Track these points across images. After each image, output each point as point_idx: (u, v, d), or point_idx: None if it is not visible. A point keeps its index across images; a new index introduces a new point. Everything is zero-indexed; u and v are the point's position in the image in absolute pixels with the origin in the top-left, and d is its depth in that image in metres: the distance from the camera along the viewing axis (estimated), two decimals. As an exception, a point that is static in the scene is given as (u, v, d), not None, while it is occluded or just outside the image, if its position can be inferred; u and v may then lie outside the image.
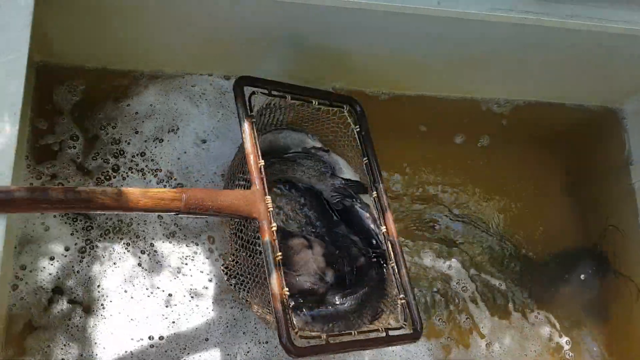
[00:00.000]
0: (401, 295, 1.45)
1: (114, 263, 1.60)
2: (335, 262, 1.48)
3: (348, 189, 1.55)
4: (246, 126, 1.33)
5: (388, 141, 1.68)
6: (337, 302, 1.43)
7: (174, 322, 1.56)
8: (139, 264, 1.62)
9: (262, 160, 1.35)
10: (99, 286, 1.56)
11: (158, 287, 1.60)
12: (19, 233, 1.52)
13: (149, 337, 1.55)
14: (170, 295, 1.58)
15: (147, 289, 1.60)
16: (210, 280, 1.62)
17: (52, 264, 1.54)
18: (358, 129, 1.57)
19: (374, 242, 1.53)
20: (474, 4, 1.46)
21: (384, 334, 1.36)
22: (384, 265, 1.52)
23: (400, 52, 1.68)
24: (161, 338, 1.56)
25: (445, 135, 1.90)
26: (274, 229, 1.29)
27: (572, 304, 1.84)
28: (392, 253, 1.48)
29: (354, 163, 1.61)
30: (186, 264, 1.62)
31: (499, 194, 1.89)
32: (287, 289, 1.25)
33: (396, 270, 1.47)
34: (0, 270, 0.94)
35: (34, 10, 1.14)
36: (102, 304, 1.55)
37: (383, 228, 1.51)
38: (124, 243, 1.62)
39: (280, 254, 1.26)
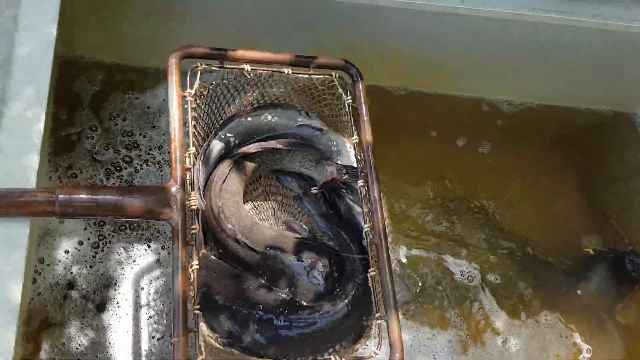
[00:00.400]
0: (378, 314, 1.12)
1: (133, 260, 1.55)
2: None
3: (341, 176, 1.25)
4: (174, 104, 1.13)
5: (397, 139, 1.74)
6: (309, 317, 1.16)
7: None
8: (157, 260, 1.56)
9: (193, 148, 1.14)
10: (115, 283, 1.52)
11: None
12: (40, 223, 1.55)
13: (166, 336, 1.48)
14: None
15: (164, 284, 1.53)
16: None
17: (67, 258, 1.52)
18: (350, 100, 1.26)
19: (365, 243, 1.21)
20: (499, 3, 1.50)
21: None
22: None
23: (418, 49, 1.69)
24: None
25: (451, 134, 1.90)
26: (194, 231, 1.08)
27: (587, 309, 1.78)
28: (376, 257, 1.16)
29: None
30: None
31: (510, 194, 1.89)
32: (198, 306, 1.03)
33: (377, 279, 1.14)
34: (25, 270, 0.96)
35: (61, 5, 1.19)
36: (117, 302, 1.51)
37: (366, 226, 1.18)
38: (145, 239, 1.57)
39: (195, 262, 1.05)
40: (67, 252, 1.51)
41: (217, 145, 1.23)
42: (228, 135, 1.24)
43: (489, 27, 1.57)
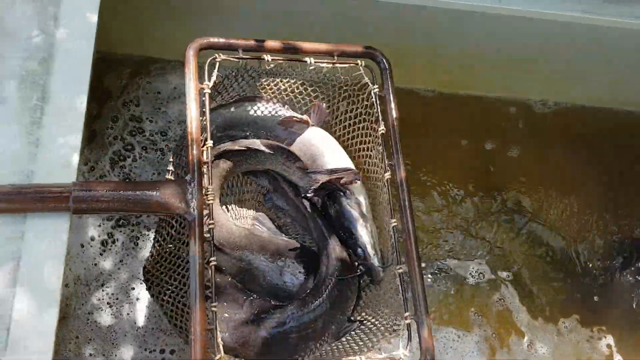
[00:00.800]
0: (407, 314, 1.06)
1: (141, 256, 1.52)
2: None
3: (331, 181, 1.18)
4: (191, 96, 1.09)
5: (425, 140, 1.76)
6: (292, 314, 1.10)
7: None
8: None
9: (211, 142, 1.10)
10: (127, 280, 1.51)
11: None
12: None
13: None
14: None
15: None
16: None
17: (83, 252, 1.52)
18: (377, 89, 1.20)
19: (360, 251, 1.15)
20: (537, 2, 1.49)
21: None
22: (370, 281, 1.14)
23: (451, 49, 1.67)
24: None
25: (481, 136, 1.88)
26: (212, 226, 1.04)
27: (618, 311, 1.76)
28: (407, 255, 1.09)
29: (368, 140, 1.23)
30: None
31: (541, 195, 1.85)
32: (215, 303, 0.99)
33: (406, 278, 1.08)
34: (63, 264, 0.99)
35: (100, 2, 1.19)
36: (129, 296, 1.49)
37: (393, 222, 1.12)
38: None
39: (214, 258, 1.01)
40: (82, 246, 1.50)
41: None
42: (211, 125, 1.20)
43: (524, 26, 1.55)
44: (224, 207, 1.22)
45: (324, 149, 1.19)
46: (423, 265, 1.55)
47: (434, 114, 1.83)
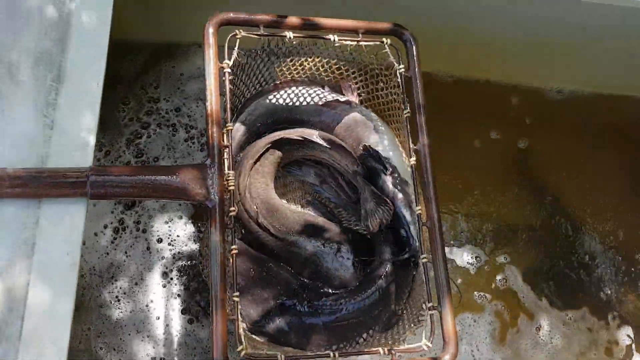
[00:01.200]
0: (430, 304, 1.03)
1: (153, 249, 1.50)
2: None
3: (371, 159, 1.15)
4: (211, 76, 1.04)
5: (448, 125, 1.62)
6: (334, 304, 1.09)
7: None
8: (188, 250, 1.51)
9: (232, 124, 1.06)
10: (137, 271, 1.48)
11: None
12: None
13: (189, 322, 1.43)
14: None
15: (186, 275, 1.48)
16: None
17: (96, 242, 1.49)
18: (402, 70, 1.15)
19: (403, 233, 1.11)
20: None
21: (388, 358, 0.99)
22: (413, 263, 1.11)
23: (471, 31, 1.60)
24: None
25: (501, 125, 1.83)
26: (233, 213, 1.01)
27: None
28: (432, 244, 1.07)
29: (395, 120, 1.19)
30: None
31: (559, 185, 1.82)
32: (237, 293, 0.97)
33: (430, 268, 1.05)
34: (79, 251, 0.96)
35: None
36: (137, 287, 1.46)
37: (418, 209, 1.09)
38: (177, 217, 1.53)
39: (235, 246, 0.99)
40: (96, 234, 1.47)
41: (240, 128, 1.15)
42: (249, 117, 1.15)
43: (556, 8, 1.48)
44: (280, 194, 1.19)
45: (369, 133, 1.16)
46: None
47: (449, 99, 1.78)
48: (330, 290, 1.09)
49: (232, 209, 1.01)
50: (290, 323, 1.05)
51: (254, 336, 1.00)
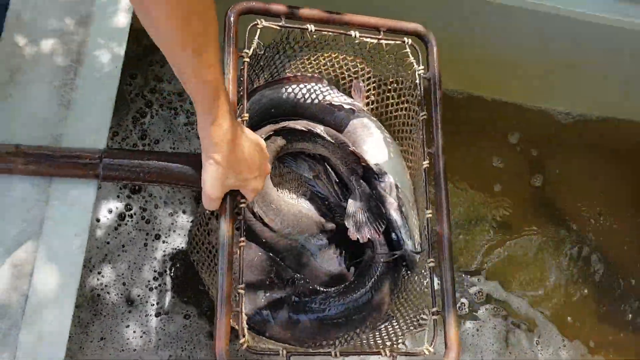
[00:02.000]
0: (435, 309, 1.03)
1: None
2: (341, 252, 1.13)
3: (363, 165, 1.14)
4: (230, 64, 1.04)
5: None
6: (331, 303, 1.09)
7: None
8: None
9: (247, 114, 1.05)
10: (133, 261, 1.48)
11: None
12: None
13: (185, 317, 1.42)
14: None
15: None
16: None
17: (98, 226, 1.49)
18: (422, 71, 1.14)
19: (394, 236, 1.11)
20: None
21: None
22: (404, 267, 1.11)
23: (482, 46, 1.59)
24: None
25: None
26: (243, 204, 1.00)
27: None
28: (440, 248, 1.06)
29: (410, 123, 1.18)
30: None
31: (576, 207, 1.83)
32: (242, 285, 0.97)
33: (435, 273, 1.05)
34: (87, 233, 0.96)
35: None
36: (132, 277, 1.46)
37: (428, 213, 1.09)
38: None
39: (243, 238, 0.98)
40: (98, 220, 1.47)
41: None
42: (253, 106, 1.15)
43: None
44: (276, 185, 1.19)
45: (365, 139, 1.15)
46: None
47: (457, 114, 1.78)
48: (319, 288, 1.08)
49: (242, 200, 1.00)
50: (276, 316, 1.05)
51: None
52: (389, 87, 1.21)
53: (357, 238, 1.11)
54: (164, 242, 1.48)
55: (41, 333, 0.91)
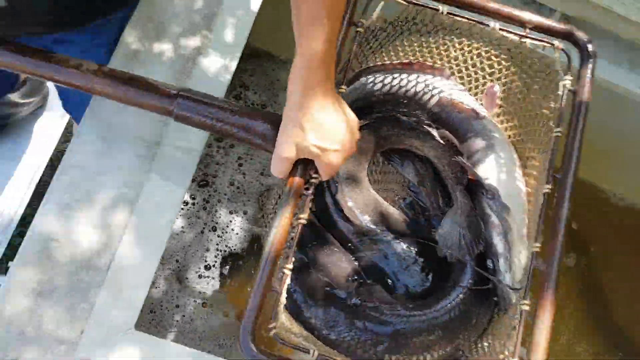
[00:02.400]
0: (517, 357, 0.82)
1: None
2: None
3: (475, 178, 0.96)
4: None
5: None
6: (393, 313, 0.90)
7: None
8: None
9: (345, 87, 0.94)
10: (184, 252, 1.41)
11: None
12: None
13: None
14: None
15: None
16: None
17: None
18: (569, 83, 0.95)
19: (489, 264, 0.90)
20: None
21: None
22: (495, 302, 0.89)
23: None
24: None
25: None
26: (315, 180, 0.88)
27: None
28: (542, 290, 0.85)
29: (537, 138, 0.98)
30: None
31: None
32: (290, 266, 0.83)
33: (527, 316, 0.83)
34: (177, 212, 1.02)
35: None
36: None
37: (536, 245, 0.87)
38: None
39: (305, 215, 0.85)
40: None
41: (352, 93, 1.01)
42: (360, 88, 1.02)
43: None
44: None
45: (486, 152, 0.98)
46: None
47: None
48: (387, 297, 0.90)
49: (315, 174, 0.87)
50: (327, 314, 0.89)
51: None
52: (521, 97, 1.01)
53: (446, 255, 0.93)
54: (219, 236, 1.42)
55: (118, 295, 0.92)
